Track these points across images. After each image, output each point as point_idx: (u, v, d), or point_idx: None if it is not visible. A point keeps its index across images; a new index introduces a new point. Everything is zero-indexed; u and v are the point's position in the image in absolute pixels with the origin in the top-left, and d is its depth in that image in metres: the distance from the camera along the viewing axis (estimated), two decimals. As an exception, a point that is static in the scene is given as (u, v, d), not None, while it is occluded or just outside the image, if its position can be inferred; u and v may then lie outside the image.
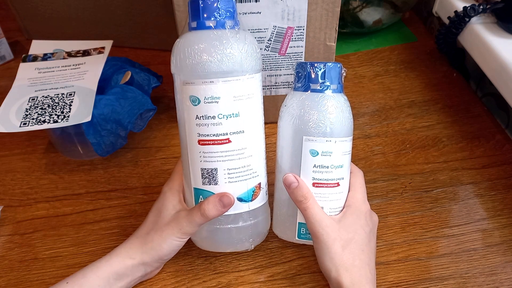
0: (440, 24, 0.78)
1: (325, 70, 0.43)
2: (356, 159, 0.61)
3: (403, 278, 0.48)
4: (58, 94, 0.58)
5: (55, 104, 0.56)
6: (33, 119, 0.54)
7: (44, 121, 0.54)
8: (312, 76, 0.43)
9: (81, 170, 0.60)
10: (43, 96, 0.57)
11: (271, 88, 0.61)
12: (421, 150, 0.62)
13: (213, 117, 0.41)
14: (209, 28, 0.41)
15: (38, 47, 0.65)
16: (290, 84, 0.61)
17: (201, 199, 0.44)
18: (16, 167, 0.61)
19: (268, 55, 0.57)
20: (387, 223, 0.53)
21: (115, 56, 0.66)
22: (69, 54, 0.64)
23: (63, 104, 0.56)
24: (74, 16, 0.77)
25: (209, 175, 0.43)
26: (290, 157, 0.45)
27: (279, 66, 0.59)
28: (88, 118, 0.53)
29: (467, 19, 0.65)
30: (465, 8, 0.65)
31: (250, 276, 0.49)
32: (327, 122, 0.43)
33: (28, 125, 0.53)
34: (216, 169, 0.42)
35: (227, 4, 0.41)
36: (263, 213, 0.47)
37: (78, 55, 0.64)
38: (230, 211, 0.43)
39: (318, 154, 0.43)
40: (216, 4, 0.41)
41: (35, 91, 0.58)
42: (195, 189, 0.44)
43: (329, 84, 0.43)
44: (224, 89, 0.40)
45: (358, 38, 0.81)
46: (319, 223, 0.43)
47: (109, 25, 0.77)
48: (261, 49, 0.57)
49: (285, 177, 0.45)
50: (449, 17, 0.68)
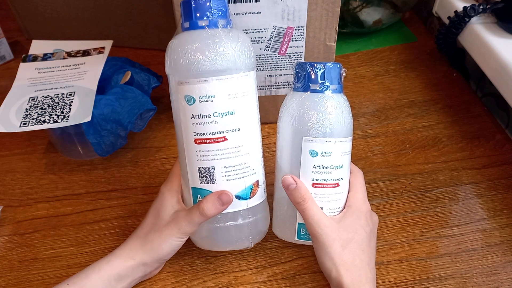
0: (440, 24, 0.78)
1: (325, 71, 0.43)
2: (356, 159, 0.61)
3: (403, 278, 0.48)
4: (58, 94, 0.58)
5: (55, 104, 0.56)
6: (33, 119, 0.54)
7: (44, 121, 0.54)
8: (312, 77, 0.43)
9: (81, 170, 0.60)
10: (43, 96, 0.57)
11: (271, 88, 0.61)
12: (421, 150, 0.62)
13: (209, 116, 0.41)
14: (202, 28, 0.41)
15: (38, 47, 0.65)
16: (290, 84, 0.61)
17: (200, 198, 0.44)
18: (16, 167, 0.61)
19: (268, 55, 0.57)
20: (387, 223, 0.53)
21: (115, 56, 0.66)
22: (69, 54, 0.65)
23: (63, 104, 0.56)
24: (74, 16, 0.77)
25: (207, 174, 0.43)
26: (290, 158, 0.45)
27: (279, 66, 0.59)
28: (88, 118, 0.53)
29: (467, 19, 0.65)
30: (465, 8, 0.65)
31: (250, 276, 0.49)
32: (327, 123, 0.43)
33: (28, 125, 0.54)
34: (213, 168, 0.42)
35: (219, 4, 0.41)
36: (262, 211, 0.47)
37: (78, 55, 0.64)
38: (229, 209, 0.43)
39: (318, 155, 0.43)
40: (208, 4, 0.41)
41: (35, 91, 0.58)
42: (193, 189, 0.44)
43: (329, 85, 0.43)
44: (219, 88, 0.41)
45: (358, 38, 0.81)
46: (318, 224, 0.43)
47: (109, 25, 0.77)
48: (261, 49, 0.57)
49: (284, 179, 0.45)
50: (449, 17, 0.68)
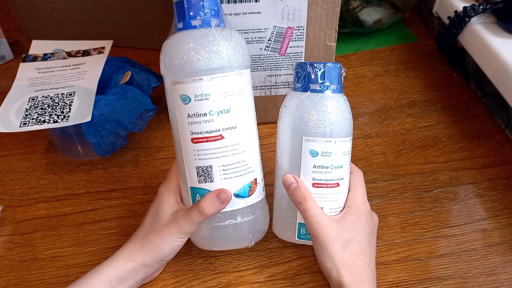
0: (440, 24, 0.78)
1: (325, 70, 0.43)
2: (356, 159, 0.61)
3: (403, 278, 0.48)
4: (58, 94, 0.58)
5: (55, 104, 0.56)
6: (33, 119, 0.54)
7: (44, 121, 0.54)
8: (312, 76, 0.43)
9: (81, 170, 0.60)
10: (43, 96, 0.57)
11: (271, 88, 0.61)
12: (421, 150, 0.62)
13: (205, 114, 0.41)
14: (195, 27, 0.41)
15: (38, 47, 0.65)
16: (290, 84, 0.60)
17: (198, 198, 0.44)
18: (16, 167, 0.61)
19: (268, 55, 0.57)
20: (387, 223, 0.53)
21: (115, 56, 0.66)
22: (69, 54, 0.65)
23: (63, 104, 0.56)
24: (74, 16, 0.77)
25: (204, 173, 0.43)
26: (290, 157, 0.45)
27: (279, 66, 0.59)
28: (88, 118, 0.53)
29: (467, 19, 0.65)
30: (465, 8, 0.65)
31: (250, 276, 0.49)
32: (327, 123, 0.43)
33: (28, 125, 0.54)
34: (211, 166, 0.42)
35: (212, 3, 0.42)
36: (261, 209, 0.47)
37: (78, 55, 0.64)
38: (228, 208, 0.43)
39: (318, 155, 0.43)
40: (201, 3, 0.41)
41: (35, 91, 0.58)
42: (192, 188, 0.44)
43: (329, 84, 0.43)
44: (214, 86, 0.41)
45: (358, 38, 0.81)
46: (318, 224, 0.43)
47: (109, 25, 0.77)
48: (261, 49, 0.57)
49: (285, 178, 0.45)
50: (449, 17, 0.68)
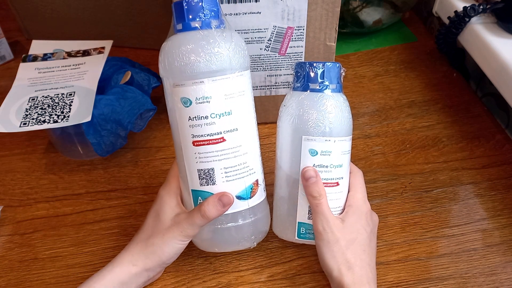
0: (440, 24, 0.78)
1: (324, 70, 0.43)
2: (356, 159, 0.61)
3: (403, 278, 0.48)
4: (58, 94, 0.58)
5: (55, 104, 0.56)
6: (33, 119, 0.54)
7: (44, 121, 0.54)
8: (311, 76, 0.43)
9: (81, 170, 0.60)
10: (43, 96, 0.57)
11: (271, 88, 0.61)
12: (421, 150, 0.62)
13: (206, 117, 0.41)
14: (195, 29, 0.41)
15: (38, 47, 0.65)
16: (290, 84, 0.60)
17: (200, 200, 0.43)
18: (16, 167, 0.61)
19: (268, 55, 0.57)
20: (387, 223, 0.53)
21: (115, 56, 0.66)
22: (69, 54, 0.65)
23: (63, 104, 0.56)
24: (74, 16, 0.77)
25: (206, 176, 0.42)
26: (290, 157, 0.45)
27: (279, 66, 0.59)
28: (88, 118, 0.53)
29: (467, 19, 0.65)
30: (465, 8, 0.65)
31: (250, 276, 0.49)
32: (326, 122, 0.43)
33: (28, 125, 0.54)
34: (213, 169, 0.42)
35: (211, 4, 0.41)
36: (263, 210, 0.47)
37: (78, 55, 0.64)
38: (230, 210, 0.43)
39: (318, 154, 0.43)
40: (201, 4, 0.41)
41: (35, 91, 0.58)
42: (193, 191, 0.44)
43: (328, 84, 0.43)
44: (215, 88, 0.40)
45: (358, 38, 0.81)
46: (327, 221, 0.43)
47: (109, 25, 0.77)
48: (261, 49, 0.57)
49: (306, 170, 0.44)
50: (449, 17, 0.68)
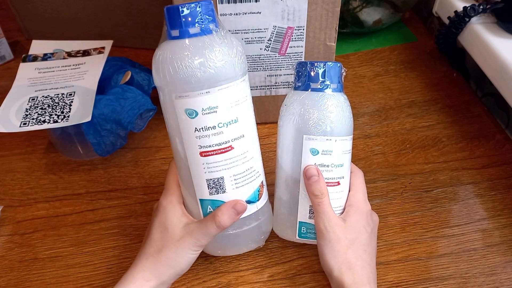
0: (440, 24, 0.78)
1: (325, 69, 0.43)
2: (356, 159, 0.61)
3: (403, 278, 0.48)
4: (58, 94, 0.58)
5: (55, 104, 0.56)
6: (33, 119, 0.54)
7: (44, 121, 0.54)
8: (312, 75, 0.43)
9: (81, 170, 0.60)
10: (43, 96, 0.57)
11: (271, 88, 0.61)
12: (421, 150, 0.62)
13: (214, 127, 0.39)
14: (195, 36, 0.38)
15: (38, 47, 0.65)
16: (290, 84, 0.61)
17: (210, 209, 0.42)
18: (16, 167, 0.61)
19: (268, 55, 0.57)
20: (387, 223, 0.53)
21: (115, 56, 0.66)
22: (69, 54, 0.64)
23: (63, 104, 0.56)
24: (74, 16, 0.77)
25: (216, 185, 0.41)
26: (291, 156, 0.45)
27: (279, 66, 0.59)
28: (88, 118, 0.53)
29: (467, 19, 0.65)
30: (465, 8, 0.65)
31: (250, 276, 0.49)
32: (327, 121, 0.43)
33: (28, 125, 0.53)
34: (222, 178, 0.41)
35: (208, 7, 0.39)
36: (268, 209, 0.47)
37: (78, 55, 0.64)
38: (242, 215, 0.43)
39: (319, 153, 0.43)
40: (198, 8, 0.38)
41: (35, 91, 0.58)
42: (202, 200, 0.43)
43: (329, 83, 0.43)
44: (222, 97, 0.39)
45: (358, 38, 0.81)
46: (329, 220, 0.43)
47: (109, 25, 0.77)
48: (261, 49, 0.57)
49: (308, 168, 0.44)
50: (449, 17, 0.68)
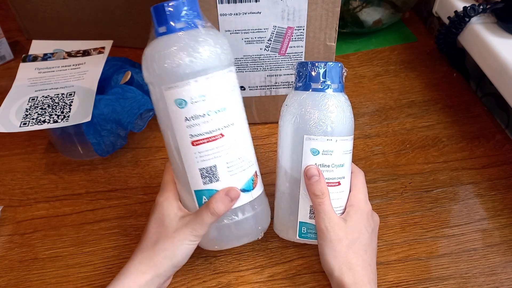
0: (440, 24, 0.78)
1: (326, 69, 0.43)
2: (356, 159, 0.61)
3: (403, 278, 0.48)
4: (58, 94, 0.58)
5: (55, 104, 0.56)
6: (33, 119, 0.54)
7: (44, 121, 0.54)
8: (313, 75, 0.43)
9: (81, 170, 0.60)
10: (43, 96, 0.57)
11: (271, 88, 0.61)
12: (421, 150, 0.62)
13: (203, 115, 0.41)
14: (182, 30, 0.41)
15: (38, 47, 0.65)
16: (290, 84, 0.61)
17: (205, 200, 0.43)
18: (16, 167, 0.61)
19: (268, 55, 0.57)
20: (387, 223, 0.53)
21: (115, 56, 0.66)
22: (69, 54, 0.64)
23: (63, 104, 0.56)
24: (74, 16, 0.77)
25: (209, 173, 0.42)
26: (291, 156, 0.45)
27: (279, 66, 0.59)
28: (88, 118, 0.53)
29: (467, 19, 0.65)
30: (465, 8, 0.65)
31: (250, 276, 0.49)
32: (328, 121, 0.43)
33: (28, 125, 0.53)
34: (215, 166, 0.42)
35: (192, 4, 0.41)
36: (265, 200, 0.47)
37: (78, 55, 0.64)
38: (236, 204, 0.43)
39: (319, 153, 0.43)
40: (182, 5, 0.41)
41: (35, 91, 0.58)
42: (197, 191, 0.43)
43: (330, 83, 0.43)
44: (209, 86, 0.41)
45: (358, 38, 0.81)
46: (330, 220, 0.43)
47: (109, 25, 0.77)
48: (261, 49, 0.57)
49: (308, 168, 0.44)
50: (449, 17, 0.68)
